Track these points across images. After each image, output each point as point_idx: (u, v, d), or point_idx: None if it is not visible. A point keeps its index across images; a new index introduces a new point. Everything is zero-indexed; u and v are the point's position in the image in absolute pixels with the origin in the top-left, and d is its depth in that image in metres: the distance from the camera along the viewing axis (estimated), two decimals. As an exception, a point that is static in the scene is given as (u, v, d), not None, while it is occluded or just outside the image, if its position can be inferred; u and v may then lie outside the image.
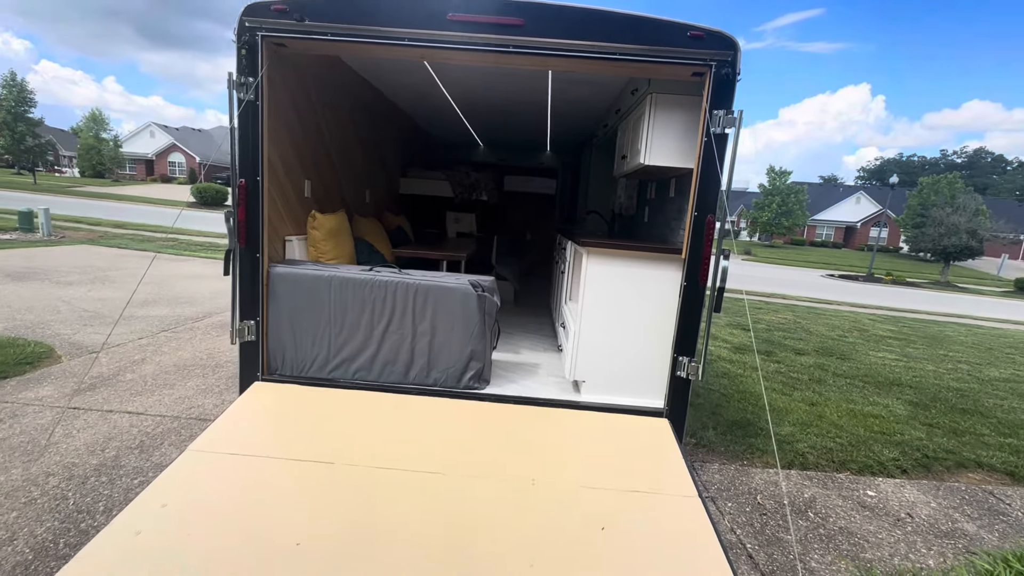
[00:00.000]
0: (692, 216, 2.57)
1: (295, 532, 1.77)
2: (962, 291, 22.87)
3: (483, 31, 2.48)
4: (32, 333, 4.74)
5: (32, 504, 2.29)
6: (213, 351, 4.72)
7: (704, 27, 2.45)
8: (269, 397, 2.69)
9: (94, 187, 35.06)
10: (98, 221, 16.04)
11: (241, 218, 2.64)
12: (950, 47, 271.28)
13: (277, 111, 2.87)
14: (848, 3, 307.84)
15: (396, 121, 5.73)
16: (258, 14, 2.50)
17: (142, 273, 8.15)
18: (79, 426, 3.08)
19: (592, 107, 4.54)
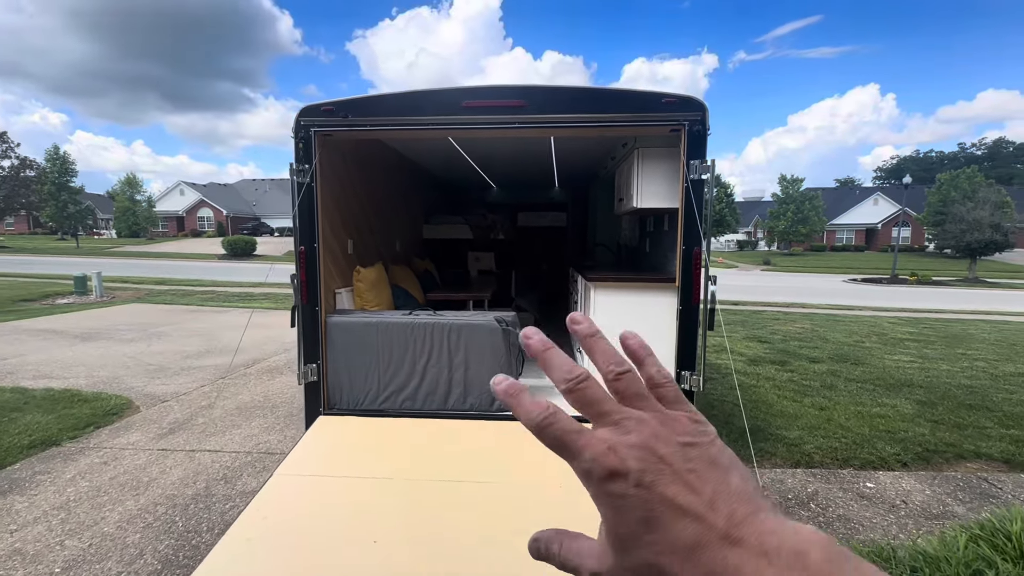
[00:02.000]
0: (680, 249, 3.01)
1: (372, 532, 2.21)
2: (992, 286, 22.40)
3: (492, 113, 3.02)
4: (110, 387, 5.36)
5: (149, 528, 2.79)
6: (268, 393, 5.26)
7: (676, 94, 2.95)
8: (333, 428, 3.16)
9: (131, 246, 37.19)
10: (141, 279, 17.18)
11: (303, 279, 3.19)
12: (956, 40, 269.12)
13: (324, 185, 3.45)
14: (845, 8, 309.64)
15: (419, 176, 6.37)
16: (311, 114, 3.10)
17: (192, 327, 8.87)
18: (170, 464, 3.60)
19: (590, 156, 5.08)
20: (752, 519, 0.28)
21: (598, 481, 0.30)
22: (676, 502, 0.29)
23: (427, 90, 3.07)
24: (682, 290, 3.04)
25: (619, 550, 0.30)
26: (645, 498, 0.29)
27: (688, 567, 0.28)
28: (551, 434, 0.32)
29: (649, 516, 0.29)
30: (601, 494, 0.30)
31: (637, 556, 0.29)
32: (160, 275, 18.51)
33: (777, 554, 0.26)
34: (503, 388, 0.34)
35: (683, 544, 0.28)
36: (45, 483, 3.28)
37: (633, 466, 0.30)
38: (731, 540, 0.27)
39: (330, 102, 3.07)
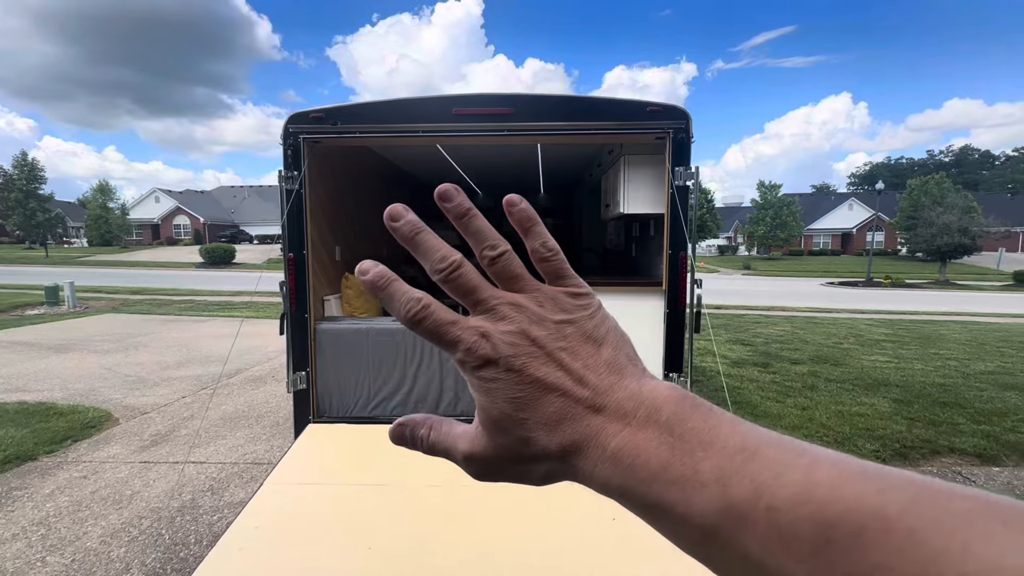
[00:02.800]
0: (667, 254, 3.08)
1: (366, 539, 2.20)
2: (962, 288, 23.20)
3: (481, 120, 3.06)
4: (87, 400, 5.22)
5: (135, 541, 2.72)
6: (252, 403, 5.18)
7: (660, 103, 3.02)
8: (323, 436, 3.14)
9: (104, 255, 36.20)
10: (115, 289, 16.74)
11: (291, 286, 3.17)
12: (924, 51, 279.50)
13: (312, 192, 3.44)
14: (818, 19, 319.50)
15: (405, 181, 6.37)
16: (300, 121, 3.10)
17: (170, 336, 8.68)
18: (153, 477, 3.52)
19: (577, 163, 5.15)
20: (616, 386, 0.29)
21: (471, 369, 0.30)
22: (545, 381, 0.29)
23: (417, 98, 3.10)
24: (669, 293, 3.10)
25: (492, 431, 0.31)
26: (515, 381, 0.29)
27: (554, 438, 0.29)
28: (426, 327, 0.31)
29: (519, 397, 0.29)
30: (474, 381, 0.31)
31: (509, 434, 0.30)
32: (135, 284, 18.07)
33: (634, 414, 0.28)
34: (370, 277, 0.33)
35: (550, 418, 0.29)
36: (22, 499, 3.18)
37: (504, 351, 0.30)
38: (594, 408, 0.28)
39: (319, 109, 3.08)
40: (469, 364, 0.30)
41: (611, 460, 0.27)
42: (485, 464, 0.32)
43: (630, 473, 0.26)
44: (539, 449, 0.29)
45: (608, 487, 0.28)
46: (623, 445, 0.27)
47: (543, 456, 0.29)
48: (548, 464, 0.30)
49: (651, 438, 0.27)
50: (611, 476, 0.27)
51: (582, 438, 0.28)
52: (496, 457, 0.31)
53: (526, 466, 0.31)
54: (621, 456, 0.27)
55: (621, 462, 0.27)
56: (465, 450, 0.32)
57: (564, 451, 0.29)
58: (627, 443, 0.27)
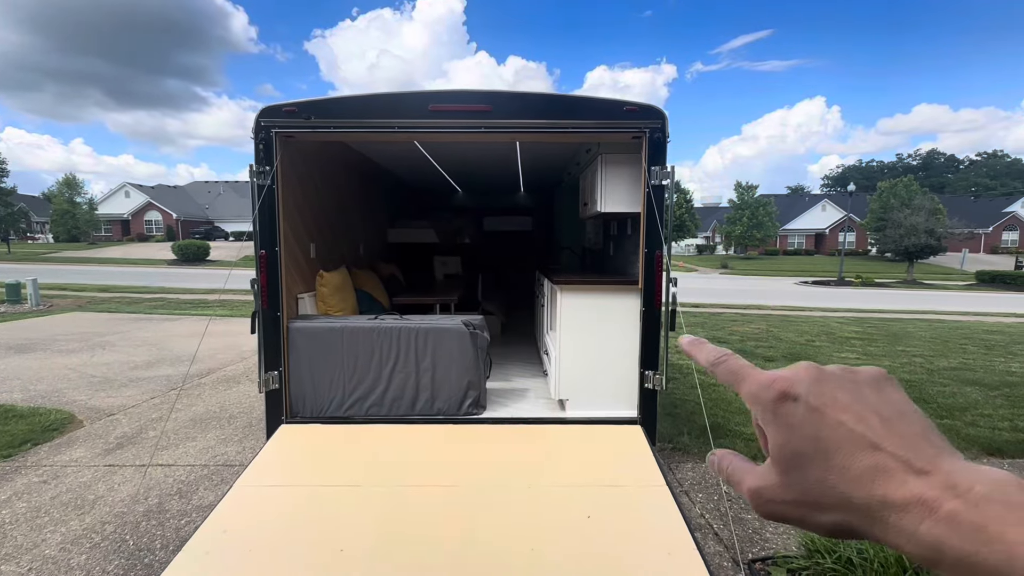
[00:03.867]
0: (643, 253, 3.10)
1: (338, 541, 2.16)
2: (928, 287, 24.01)
3: (458, 117, 3.03)
4: (49, 401, 5.02)
5: (97, 548, 2.63)
6: (224, 404, 5.05)
7: (637, 102, 3.04)
8: (296, 437, 3.08)
9: (71, 252, 34.92)
10: (82, 287, 16.18)
11: (263, 283, 3.09)
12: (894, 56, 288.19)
13: (286, 188, 3.36)
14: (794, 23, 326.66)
15: (382, 179, 6.29)
16: (272, 115, 3.02)
17: (139, 336, 8.42)
18: (118, 480, 3.40)
19: (555, 162, 5.16)
20: (939, 458, 0.28)
21: (768, 403, 0.32)
22: (848, 427, 0.29)
23: (393, 93, 3.06)
24: (645, 292, 3.13)
25: (786, 469, 0.31)
26: (816, 421, 0.30)
27: (861, 489, 0.28)
28: (726, 367, 0.35)
29: (820, 436, 0.30)
30: (772, 416, 0.32)
31: (804, 474, 0.30)
32: (104, 282, 17.49)
33: (969, 489, 0.26)
34: (687, 341, 0.39)
35: (858, 468, 0.28)
36: (-24, 506, 3.04)
37: (803, 391, 0.31)
38: (916, 471, 0.27)
39: (292, 103, 3.01)
40: (765, 397, 0.32)
41: (946, 522, 0.25)
42: (771, 501, 0.32)
43: (976, 539, 0.25)
44: (837, 496, 0.29)
45: (940, 548, 0.26)
46: (962, 511, 0.25)
47: (840, 505, 0.29)
48: (843, 514, 0.29)
49: (998, 514, 0.25)
50: (945, 538, 0.25)
51: (901, 497, 0.27)
52: (783, 494, 0.31)
53: (815, 511, 0.30)
54: (961, 522, 0.25)
55: (961, 527, 0.25)
56: (752, 485, 0.33)
57: (871, 501, 0.28)
58: (968, 511, 0.25)
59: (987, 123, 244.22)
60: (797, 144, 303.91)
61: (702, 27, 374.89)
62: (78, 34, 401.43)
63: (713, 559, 2.57)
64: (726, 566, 2.54)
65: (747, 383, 0.34)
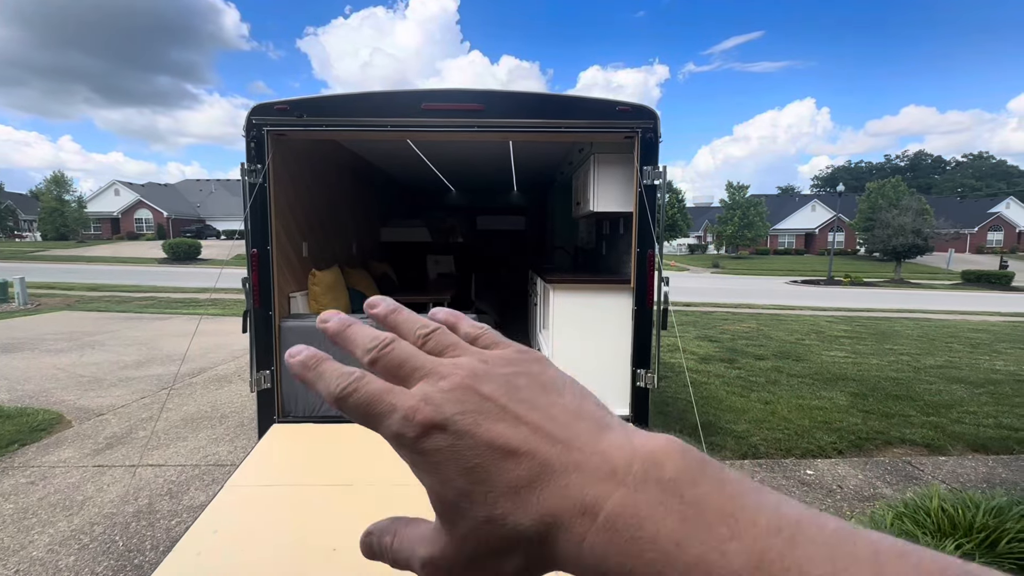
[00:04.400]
0: (635, 252, 3.12)
1: (331, 541, 2.16)
2: (915, 287, 24.32)
3: (451, 116, 3.04)
4: (37, 401, 4.96)
5: (85, 549, 2.60)
6: (216, 403, 5.02)
7: (630, 102, 3.06)
8: (288, 436, 3.06)
9: (59, 250, 34.46)
10: (71, 285, 15.97)
11: (255, 282, 3.08)
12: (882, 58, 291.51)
13: (278, 186, 3.35)
14: (785, 25, 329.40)
15: (375, 177, 6.27)
16: (263, 113, 3.01)
17: (129, 335, 8.34)
18: (107, 481, 3.37)
19: (548, 161, 5.18)
20: (595, 438, 0.24)
21: (412, 441, 0.25)
22: (501, 442, 0.24)
23: (385, 91, 3.06)
24: (637, 291, 3.15)
25: (450, 519, 0.25)
26: (468, 446, 0.24)
27: (526, 510, 0.23)
28: (354, 401, 0.26)
29: (474, 465, 0.24)
30: (418, 458, 0.25)
31: (470, 517, 0.24)
32: (93, 280, 17.29)
33: (627, 471, 0.22)
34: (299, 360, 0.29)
35: (515, 484, 0.23)
36: (-38, 507, 3.00)
37: (449, 411, 0.25)
38: (571, 465, 0.23)
39: (284, 101, 3.00)
40: (408, 436, 0.25)
41: (605, 530, 0.21)
42: (450, 570, 0.26)
43: (632, 550, 0.20)
44: (508, 530, 0.23)
45: (604, 569, 0.21)
46: (619, 510, 0.21)
47: (515, 539, 0.23)
48: (522, 553, 0.23)
49: (654, 503, 0.21)
50: (607, 553, 0.21)
51: (561, 506, 0.22)
52: (457, 555, 0.25)
53: (496, 561, 0.24)
54: (618, 525, 0.21)
55: (619, 533, 0.21)
56: (424, 555, 0.26)
57: (541, 527, 0.22)
58: (624, 507, 0.21)
59: (973, 125, 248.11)
60: (787, 145, 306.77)
61: (694, 28, 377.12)
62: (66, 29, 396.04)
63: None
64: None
65: (387, 420, 0.25)
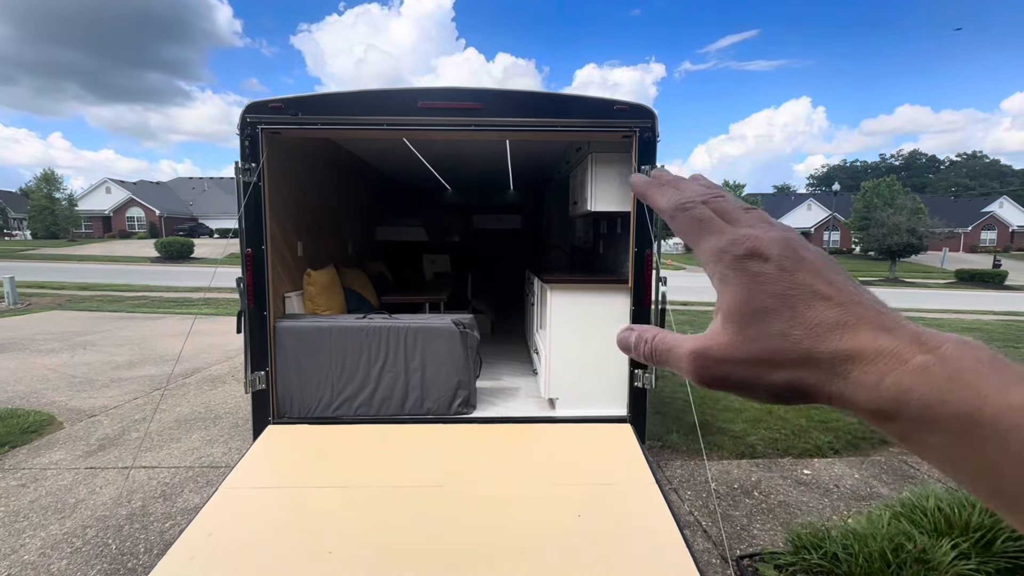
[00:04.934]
0: (633, 252, 3.11)
1: (326, 544, 2.14)
2: (910, 286, 24.47)
3: (448, 114, 3.01)
4: (27, 403, 4.91)
5: (78, 552, 2.57)
6: (210, 404, 4.97)
7: (627, 102, 3.04)
8: (283, 437, 3.04)
9: (50, 249, 34.12)
10: (62, 284, 15.82)
11: (249, 282, 3.05)
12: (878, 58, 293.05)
13: (272, 185, 3.31)
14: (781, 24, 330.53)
15: (371, 176, 6.23)
16: (258, 111, 2.97)
17: (121, 335, 8.27)
18: (100, 483, 3.33)
19: (545, 160, 5.16)
20: (902, 320, 0.28)
21: (735, 259, 0.30)
22: (816, 287, 0.29)
23: (381, 90, 3.03)
24: (635, 291, 3.14)
25: (745, 324, 0.30)
26: (785, 279, 0.29)
27: (826, 343, 0.27)
28: (691, 215, 0.33)
29: (788, 294, 0.29)
30: (731, 273, 0.30)
31: (766, 329, 0.29)
32: (84, 280, 17.13)
33: (938, 346, 0.26)
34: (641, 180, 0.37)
35: (823, 322, 0.28)
36: (-49, 511, 2.96)
37: (775, 251, 0.30)
38: (882, 327, 0.27)
39: (279, 99, 2.96)
40: (733, 253, 0.30)
41: (916, 372, 0.25)
42: (719, 361, 0.31)
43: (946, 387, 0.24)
44: (799, 351, 0.28)
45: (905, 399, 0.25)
46: (933, 363, 0.25)
47: (799, 360, 0.28)
48: (799, 371, 0.28)
49: (970, 366, 0.25)
50: (915, 386, 0.25)
51: (866, 348, 0.27)
52: (735, 352, 0.30)
53: (768, 369, 0.29)
54: (933, 370, 0.25)
55: (933, 375, 0.25)
56: (694, 346, 0.32)
57: (837, 357, 0.27)
58: (938, 364, 0.25)
59: (967, 124, 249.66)
60: (783, 144, 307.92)
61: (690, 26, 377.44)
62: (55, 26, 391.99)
63: (702, 556, 2.59)
64: (715, 563, 2.56)
65: (713, 236, 0.32)
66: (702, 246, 0.32)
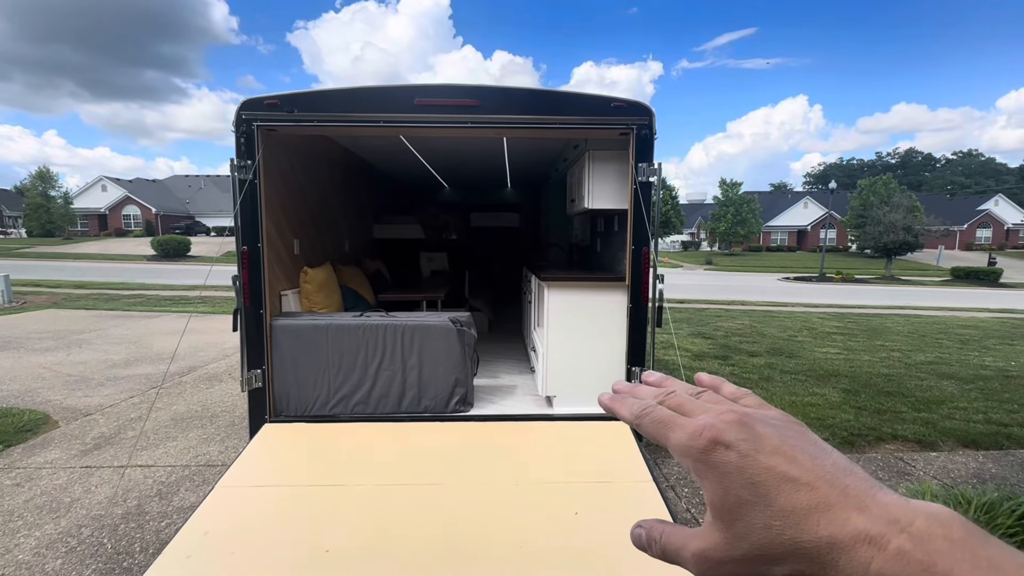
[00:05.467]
0: (630, 249, 3.11)
1: (323, 542, 2.13)
2: (905, 283, 24.56)
3: (445, 111, 3.00)
4: (22, 401, 4.88)
5: (73, 552, 2.56)
6: (206, 403, 4.96)
7: (625, 99, 3.04)
8: (280, 436, 3.03)
9: (45, 247, 33.96)
10: (57, 283, 15.74)
11: (245, 280, 3.03)
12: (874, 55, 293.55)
13: (268, 183, 3.29)
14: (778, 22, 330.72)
15: (368, 173, 6.21)
16: (253, 108, 2.96)
17: (117, 333, 8.23)
18: (95, 482, 3.32)
19: (543, 157, 5.15)
20: (871, 492, 0.27)
21: (698, 454, 0.31)
22: (780, 469, 0.28)
23: (378, 86, 3.02)
24: (632, 289, 3.13)
25: (728, 521, 0.30)
26: (749, 466, 0.29)
27: (806, 530, 0.27)
28: (651, 419, 0.34)
29: (757, 481, 0.29)
30: (702, 467, 0.31)
31: (751, 524, 0.29)
32: (80, 278, 17.04)
33: (910, 523, 0.25)
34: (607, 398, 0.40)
35: (798, 508, 0.27)
36: (-55, 510, 2.94)
37: (732, 435, 0.30)
38: (856, 508, 0.27)
39: (274, 95, 2.95)
40: (696, 448, 0.31)
41: (895, 559, 0.24)
42: (720, 562, 0.30)
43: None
44: (786, 543, 0.27)
45: None
46: (909, 548, 0.24)
47: (790, 553, 0.27)
48: (795, 564, 0.28)
49: (944, 552, 0.24)
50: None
51: (844, 533, 0.26)
52: (731, 552, 0.30)
53: (766, 565, 0.29)
54: (909, 559, 0.24)
55: (910, 565, 0.24)
56: (697, 548, 0.31)
57: (822, 546, 0.26)
58: (914, 548, 0.24)
59: (963, 123, 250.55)
60: (780, 142, 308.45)
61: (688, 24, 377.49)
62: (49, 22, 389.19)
63: (699, 553, 2.60)
64: (711, 560, 2.56)
65: (675, 433, 0.33)
66: (671, 446, 0.33)
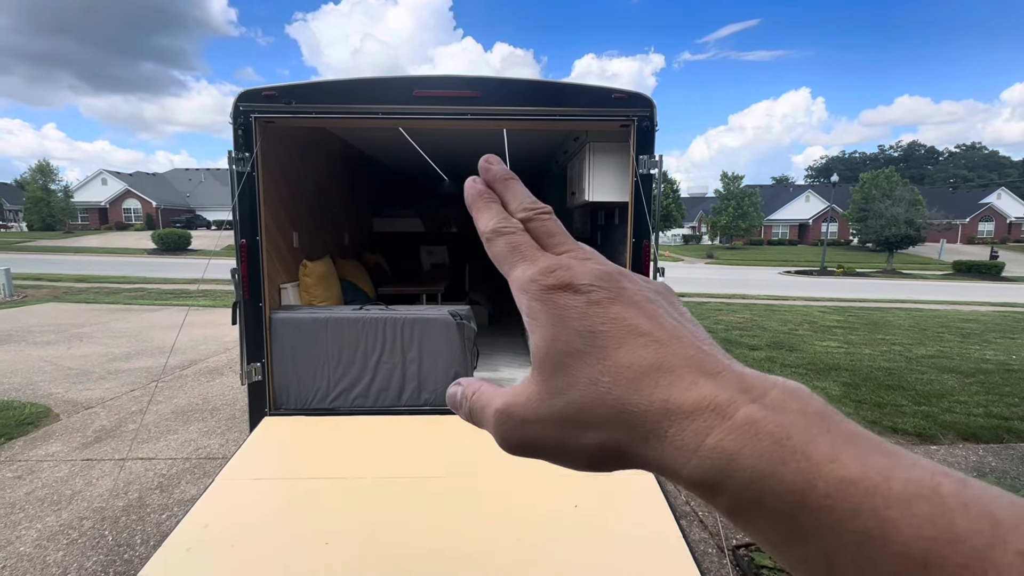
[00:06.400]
0: (631, 242, 3.09)
1: (323, 535, 2.13)
2: (907, 277, 24.51)
3: (445, 103, 2.97)
4: (24, 395, 4.89)
5: (74, 544, 2.57)
6: (207, 396, 4.97)
7: (626, 90, 3.00)
8: (279, 429, 3.03)
9: (46, 240, 33.96)
10: (58, 276, 15.75)
11: (244, 273, 3.02)
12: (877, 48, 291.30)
13: (267, 175, 3.27)
14: (781, 13, 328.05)
15: (367, 166, 6.18)
16: (251, 100, 2.93)
17: (118, 327, 8.24)
18: (96, 475, 3.33)
19: (543, 149, 5.11)
20: (726, 362, 0.24)
21: (539, 291, 0.26)
22: (632, 322, 0.24)
23: (377, 78, 2.99)
24: (632, 282, 3.12)
25: (548, 372, 0.25)
26: (596, 313, 0.25)
27: (639, 393, 0.23)
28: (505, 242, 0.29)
29: (598, 330, 0.24)
30: (538, 306, 0.26)
31: (574, 377, 0.24)
32: (81, 272, 17.05)
33: (763, 394, 0.22)
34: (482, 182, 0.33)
35: (636, 365, 0.23)
36: (-53, 502, 2.95)
37: (587, 280, 0.25)
38: (704, 372, 0.23)
39: (272, 87, 2.92)
40: (541, 283, 0.26)
41: (741, 430, 0.20)
42: (524, 421, 0.26)
43: (776, 454, 0.20)
44: (610, 403, 0.23)
45: (729, 468, 0.20)
46: (760, 417, 0.20)
47: (610, 417, 0.23)
48: (611, 431, 0.23)
49: (800, 424, 0.20)
50: (740, 450, 0.20)
51: (684, 398, 0.22)
52: (541, 409, 0.25)
53: (577, 430, 0.24)
54: (759, 429, 0.20)
55: (759, 437, 0.20)
56: (501, 404, 0.27)
57: (652, 410, 0.22)
58: (766, 418, 0.20)
59: (966, 115, 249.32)
60: (782, 135, 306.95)
61: (690, 16, 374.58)
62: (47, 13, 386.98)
63: (698, 546, 2.60)
64: (711, 552, 2.57)
65: (525, 263, 0.27)
66: (513, 274, 0.28)
